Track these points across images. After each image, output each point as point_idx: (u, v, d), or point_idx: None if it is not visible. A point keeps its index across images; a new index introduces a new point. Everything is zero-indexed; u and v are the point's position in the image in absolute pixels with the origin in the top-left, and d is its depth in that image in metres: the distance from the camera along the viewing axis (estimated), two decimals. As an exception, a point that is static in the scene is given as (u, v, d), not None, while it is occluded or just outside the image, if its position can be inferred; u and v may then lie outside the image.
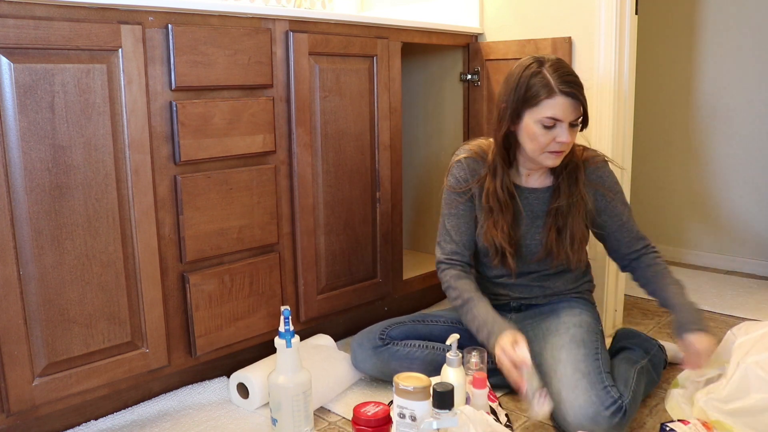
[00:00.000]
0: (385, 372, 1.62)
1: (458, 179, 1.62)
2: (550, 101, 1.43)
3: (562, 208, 1.55)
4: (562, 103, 1.43)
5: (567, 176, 1.56)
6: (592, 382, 1.38)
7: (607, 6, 1.85)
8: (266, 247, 1.65)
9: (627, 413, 1.35)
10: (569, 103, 1.43)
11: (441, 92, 2.29)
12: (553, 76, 1.44)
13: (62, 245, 1.30)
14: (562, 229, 1.56)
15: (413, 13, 2.33)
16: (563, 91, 1.43)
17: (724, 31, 2.64)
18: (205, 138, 1.48)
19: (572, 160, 1.57)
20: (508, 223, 1.56)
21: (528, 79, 1.46)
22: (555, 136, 1.46)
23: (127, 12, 1.34)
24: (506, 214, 1.56)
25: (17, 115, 1.21)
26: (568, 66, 1.49)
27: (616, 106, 1.89)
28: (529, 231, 1.59)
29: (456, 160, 1.64)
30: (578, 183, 1.56)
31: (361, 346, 1.64)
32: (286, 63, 1.63)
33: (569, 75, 1.45)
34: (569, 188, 1.56)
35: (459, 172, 1.62)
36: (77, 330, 1.34)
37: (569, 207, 1.56)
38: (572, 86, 1.43)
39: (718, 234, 2.78)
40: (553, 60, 1.48)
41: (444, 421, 1.14)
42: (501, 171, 1.56)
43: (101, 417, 1.49)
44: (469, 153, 1.63)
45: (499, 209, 1.56)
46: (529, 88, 1.46)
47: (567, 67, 1.48)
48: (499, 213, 1.56)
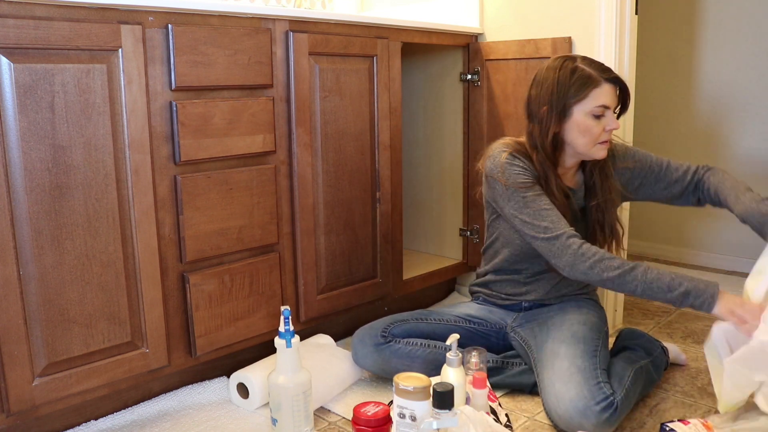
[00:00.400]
0: (385, 369, 1.62)
1: (524, 168, 1.52)
2: (597, 90, 1.48)
3: (600, 205, 1.59)
4: (609, 90, 1.48)
5: (599, 172, 1.59)
6: (586, 377, 1.39)
7: (607, 6, 1.85)
8: (266, 247, 1.65)
9: (618, 410, 1.36)
10: (613, 89, 1.49)
11: (441, 92, 2.29)
12: (591, 67, 1.49)
13: (62, 245, 1.30)
14: (603, 225, 1.60)
15: (413, 13, 2.33)
16: (607, 78, 1.48)
17: (724, 30, 2.64)
18: (205, 138, 1.48)
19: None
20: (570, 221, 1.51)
21: (568, 76, 1.49)
22: (605, 125, 1.50)
23: (127, 12, 1.34)
24: (567, 216, 1.51)
25: (17, 115, 1.21)
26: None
27: (616, 106, 1.90)
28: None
29: (506, 155, 1.53)
30: (609, 177, 1.60)
31: (362, 342, 1.64)
32: (286, 63, 1.63)
33: (603, 64, 1.51)
34: (602, 183, 1.59)
35: (519, 162, 1.52)
36: (77, 330, 1.34)
37: (605, 202, 1.59)
38: (612, 72, 1.50)
39: (718, 234, 2.78)
40: (581, 56, 1.54)
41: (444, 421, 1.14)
42: (552, 175, 1.53)
43: (101, 417, 1.49)
44: (510, 148, 1.55)
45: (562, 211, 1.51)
46: (573, 83, 1.48)
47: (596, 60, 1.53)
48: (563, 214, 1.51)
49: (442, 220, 2.36)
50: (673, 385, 1.68)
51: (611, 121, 1.50)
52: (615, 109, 1.52)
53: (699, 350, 1.90)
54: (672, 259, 2.90)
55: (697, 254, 2.84)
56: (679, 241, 2.89)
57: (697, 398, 1.61)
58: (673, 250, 2.90)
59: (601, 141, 1.51)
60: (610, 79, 1.49)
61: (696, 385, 1.68)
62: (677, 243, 2.90)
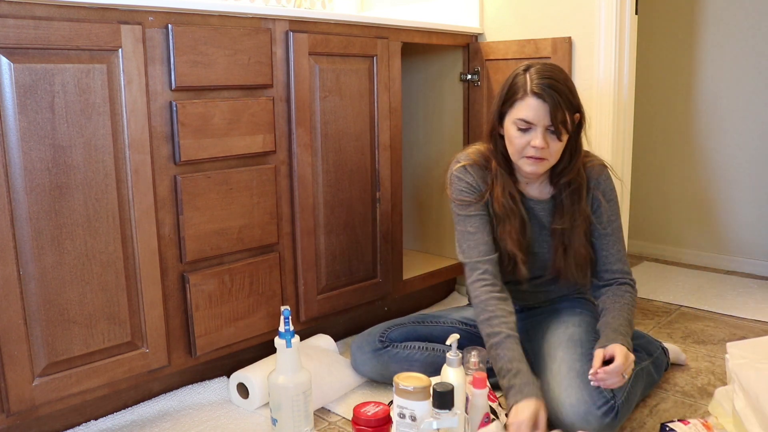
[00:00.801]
0: (384, 375, 1.62)
1: (469, 184, 1.55)
2: (521, 102, 1.41)
3: (566, 229, 1.52)
4: (534, 105, 1.40)
5: (570, 193, 1.52)
6: (585, 381, 1.38)
7: (607, 6, 1.85)
8: (266, 247, 1.65)
9: (619, 414, 1.35)
10: (540, 105, 1.39)
11: (441, 92, 2.29)
12: (532, 77, 1.41)
13: (62, 245, 1.30)
14: (568, 248, 1.54)
15: (413, 13, 2.33)
16: (534, 92, 1.39)
17: (724, 30, 2.64)
18: (205, 138, 1.48)
19: (576, 178, 1.51)
20: (516, 229, 1.52)
21: (512, 80, 1.45)
22: (529, 139, 1.42)
23: (127, 12, 1.34)
24: (513, 220, 1.52)
25: (17, 115, 1.21)
26: (557, 71, 1.44)
27: (616, 106, 1.90)
28: (537, 240, 1.57)
29: (458, 167, 1.57)
30: (581, 201, 1.52)
31: (360, 349, 1.64)
32: (286, 63, 1.63)
33: (549, 78, 1.40)
34: (572, 205, 1.52)
35: (467, 177, 1.56)
36: (77, 330, 1.34)
37: (573, 227, 1.52)
38: (547, 88, 1.39)
39: (718, 234, 2.78)
40: (544, 65, 1.44)
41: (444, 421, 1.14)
42: (502, 176, 1.53)
43: (101, 417, 1.49)
44: (469, 160, 1.57)
45: (506, 215, 1.52)
46: (509, 89, 1.45)
47: (553, 72, 1.42)
48: (506, 219, 1.53)
49: (442, 220, 2.36)
50: (673, 385, 1.68)
51: (535, 137, 1.40)
52: (555, 127, 1.40)
53: (699, 350, 1.90)
54: (672, 259, 2.90)
55: (697, 254, 2.84)
56: (679, 241, 2.89)
57: (697, 398, 1.61)
58: (673, 250, 2.90)
59: (526, 155, 1.44)
60: (536, 93, 1.39)
61: (696, 385, 1.68)
62: (677, 243, 2.90)
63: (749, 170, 2.66)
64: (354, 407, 1.34)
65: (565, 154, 1.50)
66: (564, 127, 1.42)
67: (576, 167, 1.51)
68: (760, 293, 2.43)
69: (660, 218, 2.92)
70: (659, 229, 2.93)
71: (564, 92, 1.41)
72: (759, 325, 2.12)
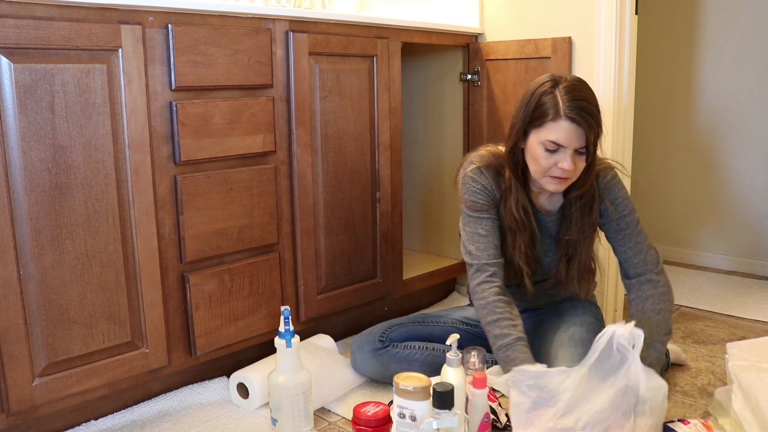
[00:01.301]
0: (384, 374, 1.62)
1: (484, 186, 1.52)
2: (554, 125, 1.37)
3: (572, 241, 1.52)
4: (567, 128, 1.36)
5: (581, 206, 1.50)
6: None
7: (607, 6, 1.85)
8: (266, 247, 1.65)
9: None
10: (574, 129, 1.36)
11: (441, 92, 2.29)
12: (564, 98, 1.36)
13: (62, 245, 1.30)
14: (572, 259, 1.53)
15: (413, 13, 2.33)
16: (569, 116, 1.35)
17: (725, 30, 2.64)
18: (205, 138, 1.48)
19: (589, 190, 1.49)
20: (525, 243, 1.51)
21: (539, 97, 1.39)
22: (557, 161, 1.39)
23: (127, 12, 1.34)
24: (524, 234, 1.51)
25: (17, 115, 1.21)
26: (586, 89, 1.40)
27: (616, 106, 1.89)
28: (545, 249, 1.58)
29: (473, 168, 1.53)
30: (591, 213, 1.50)
31: (360, 348, 1.64)
32: (286, 63, 1.63)
33: (581, 100, 1.36)
34: (582, 218, 1.50)
35: (482, 179, 1.52)
36: (77, 330, 1.34)
37: (580, 239, 1.51)
38: (581, 112, 1.35)
39: (719, 234, 2.78)
40: (571, 81, 1.39)
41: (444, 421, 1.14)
42: (516, 189, 1.50)
43: (101, 417, 1.49)
44: (483, 161, 1.54)
45: (517, 228, 1.51)
46: (537, 107, 1.39)
47: (583, 91, 1.38)
48: (517, 232, 1.51)
49: (442, 220, 2.36)
50: (673, 385, 1.68)
51: (564, 159, 1.37)
52: (584, 148, 1.38)
53: (699, 350, 1.90)
54: (672, 259, 2.90)
55: (697, 254, 2.84)
56: (679, 241, 2.89)
57: (697, 398, 1.61)
58: (673, 250, 2.90)
59: (551, 175, 1.41)
60: (572, 118, 1.34)
61: (696, 385, 1.68)
62: (677, 243, 2.90)
63: (749, 170, 2.66)
64: (354, 407, 1.34)
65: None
66: (594, 148, 1.41)
67: (591, 179, 1.49)
68: (760, 293, 2.43)
69: (661, 218, 2.92)
70: (659, 229, 2.93)
71: (595, 113, 1.38)
72: (759, 325, 2.12)
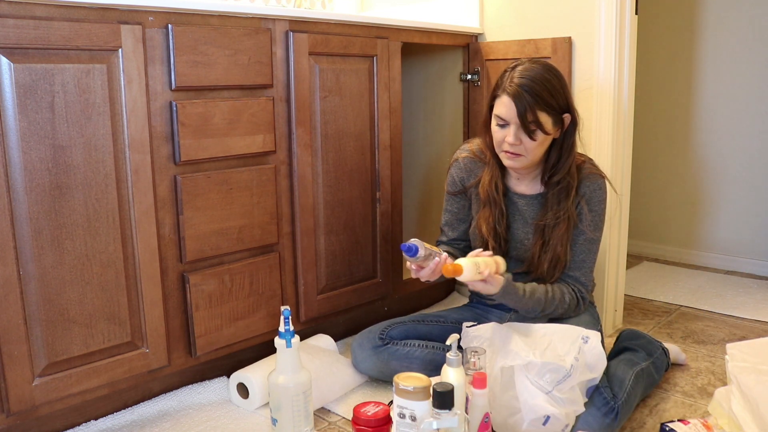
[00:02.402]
0: (384, 372, 1.62)
1: (454, 179, 1.67)
2: (499, 100, 1.47)
3: (549, 224, 1.55)
4: (507, 103, 1.45)
5: (557, 192, 1.54)
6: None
7: (607, 6, 1.85)
8: (266, 247, 1.65)
9: (619, 415, 1.35)
10: (511, 104, 1.43)
11: (441, 92, 2.29)
12: (512, 76, 1.45)
13: (62, 245, 1.30)
14: (546, 244, 1.55)
15: (413, 13, 2.33)
16: (507, 91, 1.44)
17: (725, 30, 2.64)
18: (205, 138, 1.48)
19: (566, 177, 1.53)
20: (494, 218, 1.58)
21: (499, 77, 1.50)
22: (505, 135, 1.47)
23: (127, 12, 1.34)
24: (493, 209, 1.58)
25: (17, 115, 1.21)
26: (541, 71, 1.45)
27: (616, 106, 1.90)
28: (518, 234, 1.60)
29: (454, 159, 1.67)
30: (567, 199, 1.53)
31: (361, 346, 1.64)
32: (286, 63, 1.63)
33: (525, 78, 1.43)
34: (557, 203, 1.54)
35: (456, 171, 1.67)
36: (77, 330, 1.34)
37: (555, 224, 1.54)
38: (519, 89, 1.42)
39: (718, 234, 2.78)
40: (531, 64, 1.47)
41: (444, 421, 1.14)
42: (492, 166, 1.59)
43: (101, 417, 1.49)
44: (468, 153, 1.65)
45: (487, 202, 1.59)
46: (495, 84, 1.50)
47: (534, 72, 1.44)
48: (487, 206, 1.59)
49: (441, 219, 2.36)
50: (673, 385, 1.68)
51: (509, 133, 1.46)
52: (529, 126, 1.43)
53: (699, 350, 1.90)
54: (672, 259, 2.90)
55: (697, 254, 2.84)
56: (679, 241, 2.89)
57: (697, 398, 1.61)
58: (673, 250, 2.90)
59: (503, 150, 1.50)
60: (508, 92, 1.43)
61: (696, 385, 1.68)
62: (677, 243, 2.90)
63: (749, 170, 2.66)
64: (354, 407, 1.34)
65: (553, 153, 1.53)
66: (538, 127, 1.44)
67: (567, 167, 1.53)
68: (760, 293, 2.43)
69: (660, 218, 2.92)
70: (659, 229, 2.93)
71: (539, 93, 1.43)
72: (759, 325, 2.12)
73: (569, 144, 1.52)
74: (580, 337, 1.37)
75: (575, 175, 1.54)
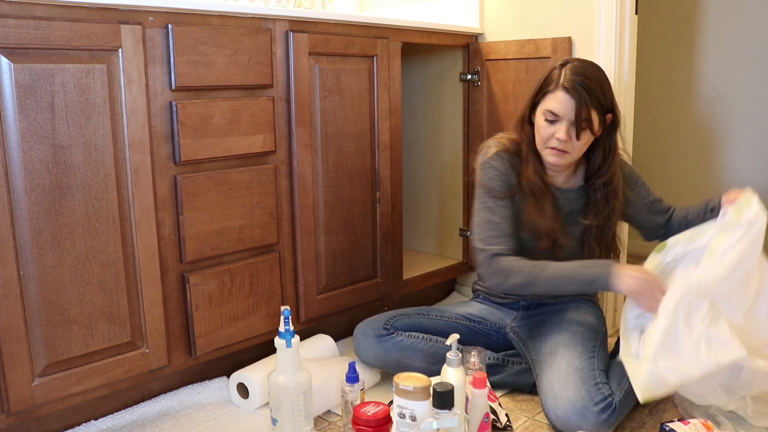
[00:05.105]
0: (386, 361, 1.62)
1: (501, 172, 1.57)
2: (552, 95, 1.48)
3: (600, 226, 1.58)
4: (562, 99, 1.46)
5: (606, 195, 1.57)
6: (584, 377, 1.39)
7: (607, 6, 1.85)
8: (266, 247, 1.65)
9: (616, 411, 1.36)
10: (568, 99, 1.45)
11: (441, 92, 2.29)
12: (566, 72, 1.47)
13: (62, 245, 1.30)
14: (600, 243, 1.59)
15: (413, 13, 2.33)
16: (564, 86, 1.45)
17: (724, 30, 2.64)
18: (205, 138, 1.48)
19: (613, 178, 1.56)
20: (550, 206, 1.56)
21: (548, 72, 1.51)
22: (554, 131, 1.48)
23: (127, 12, 1.34)
24: (545, 199, 1.56)
25: (17, 115, 1.21)
26: (592, 69, 1.49)
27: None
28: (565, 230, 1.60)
29: (493, 154, 1.59)
30: (617, 199, 1.57)
31: (364, 334, 1.64)
32: (286, 63, 1.63)
33: (580, 75, 1.46)
34: (606, 204, 1.57)
35: (500, 165, 1.57)
36: (77, 330, 1.34)
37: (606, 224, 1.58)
38: (576, 85, 1.45)
39: (718, 234, 2.78)
40: (580, 61, 1.50)
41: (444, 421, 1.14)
42: (532, 159, 1.57)
43: (101, 417, 1.49)
44: (501, 146, 1.60)
45: (538, 194, 1.56)
46: (545, 81, 1.51)
47: (587, 69, 1.48)
48: (539, 198, 1.56)
49: (442, 220, 2.36)
50: (673, 385, 1.68)
51: (560, 129, 1.47)
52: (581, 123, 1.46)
53: (699, 350, 1.90)
54: (672, 259, 2.89)
55: (697, 254, 2.84)
56: (679, 240, 2.89)
57: (697, 398, 1.61)
58: (673, 250, 2.90)
59: (549, 146, 1.51)
60: (566, 88, 1.45)
61: (696, 385, 1.68)
62: (677, 243, 2.89)
63: (750, 170, 2.66)
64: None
65: (597, 153, 1.56)
66: (588, 125, 1.47)
67: (613, 169, 1.56)
68: (760, 293, 2.42)
69: (660, 218, 2.92)
70: (659, 229, 2.93)
71: (594, 91, 1.46)
72: (759, 325, 2.11)
73: (612, 144, 1.56)
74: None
75: (620, 174, 1.58)
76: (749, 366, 1.29)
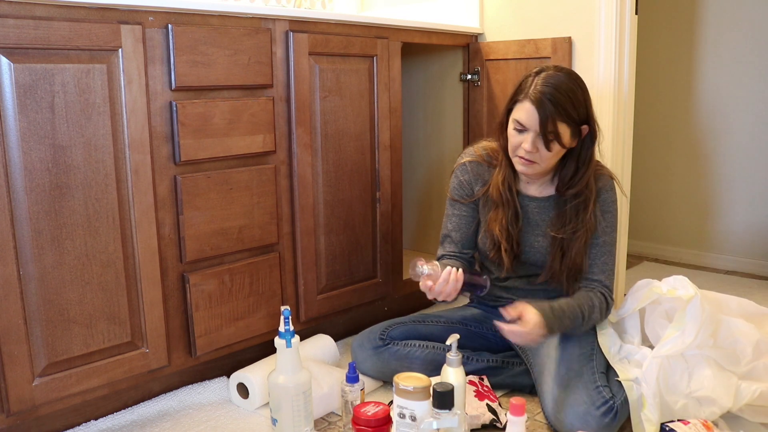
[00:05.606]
0: (385, 372, 1.62)
1: (462, 183, 1.63)
2: (521, 105, 1.45)
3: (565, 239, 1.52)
4: (528, 110, 1.42)
5: (575, 205, 1.52)
6: (584, 381, 1.39)
7: (607, 6, 1.85)
8: (266, 247, 1.65)
9: (618, 414, 1.35)
10: (534, 111, 1.41)
11: (441, 92, 2.29)
12: (536, 82, 1.43)
13: (62, 245, 1.30)
14: (565, 256, 1.53)
15: (413, 13, 2.33)
16: (531, 98, 1.41)
17: (724, 30, 2.64)
18: (205, 138, 1.48)
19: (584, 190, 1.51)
20: (507, 219, 1.56)
21: (524, 79, 1.48)
22: (522, 141, 1.45)
23: (127, 12, 1.34)
24: (507, 210, 1.56)
25: (17, 115, 1.21)
26: (566, 80, 1.43)
27: (616, 106, 1.89)
28: (528, 237, 1.58)
29: (461, 163, 1.64)
30: (586, 212, 1.51)
31: (361, 346, 1.64)
32: (286, 63, 1.63)
33: (549, 86, 1.41)
34: (576, 216, 1.52)
35: (463, 175, 1.63)
36: (77, 330, 1.34)
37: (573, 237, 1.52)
38: (542, 97, 1.40)
39: (718, 234, 2.78)
40: (555, 70, 1.45)
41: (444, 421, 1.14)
42: (505, 166, 1.56)
43: (101, 417, 1.49)
44: (473, 157, 1.63)
45: (501, 203, 1.56)
46: (517, 88, 1.48)
47: (558, 80, 1.42)
48: (500, 207, 1.56)
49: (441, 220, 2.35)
50: (673, 385, 1.68)
51: (526, 140, 1.44)
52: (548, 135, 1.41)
53: (699, 350, 1.90)
54: (672, 259, 2.90)
55: (698, 254, 2.84)
56: (679, 241, 2.89)
57: (697, 398, 1.60)
58: (673, 250, 2.90)
59: (518, 155, 1.48)
60: (532, 100, 1.41)
61: (696, 385, 1.68)
62: (677, 243, 2.90)
63: (749, 170, 2.66)
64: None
65: (570, 164, 1.51)
66: (556, 138, 1.43)
67: (585, 180, 1.51)
68: (760, 293, 2.43)
69: (660, 218, 2.92)
70: (659, 229, 2.93)
71: (561, 103, 1.41)
72: (759, 325, 2.11)
73: (587, 156, 1.50)
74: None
75: (593, 187, 1.52)
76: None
